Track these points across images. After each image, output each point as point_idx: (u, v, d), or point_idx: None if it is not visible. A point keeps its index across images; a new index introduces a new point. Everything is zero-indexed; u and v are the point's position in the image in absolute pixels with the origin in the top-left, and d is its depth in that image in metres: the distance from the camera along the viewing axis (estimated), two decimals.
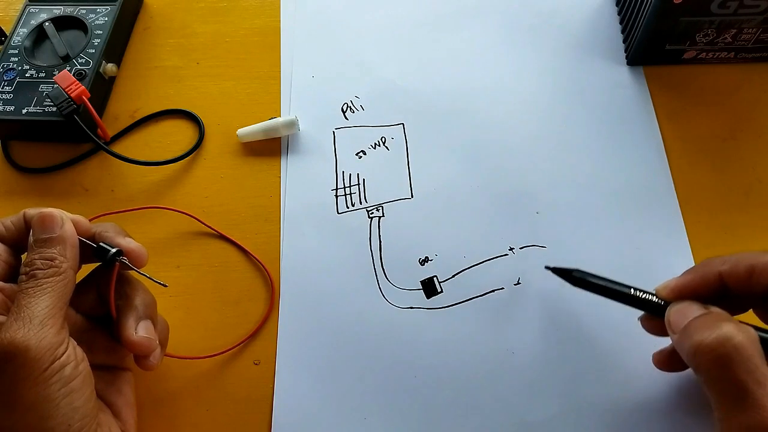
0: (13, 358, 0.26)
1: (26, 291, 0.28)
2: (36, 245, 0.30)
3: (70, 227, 0.31)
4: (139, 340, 0.31)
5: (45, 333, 0.27)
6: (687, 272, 0.31)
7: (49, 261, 0.30)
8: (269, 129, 0.44)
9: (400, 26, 0.49)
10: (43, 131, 0.45)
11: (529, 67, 0.47)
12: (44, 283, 0.29)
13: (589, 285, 0.33)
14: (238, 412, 0.36)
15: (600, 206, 0.41)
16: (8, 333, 0.27)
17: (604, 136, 0.43)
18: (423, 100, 0.46)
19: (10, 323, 0.27)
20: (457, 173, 0.42)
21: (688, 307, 0.29)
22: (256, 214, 0.42)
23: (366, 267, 0.39)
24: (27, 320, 0.27)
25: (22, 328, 0.27)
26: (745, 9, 0.40)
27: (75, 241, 0.31)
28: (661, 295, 0.31)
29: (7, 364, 0.26)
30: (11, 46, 0.47)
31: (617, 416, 0.34)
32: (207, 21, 0.51)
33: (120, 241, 0.32)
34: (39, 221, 0.31)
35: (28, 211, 0.32)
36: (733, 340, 0.26)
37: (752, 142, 0.43)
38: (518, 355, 0.36)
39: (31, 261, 0.30)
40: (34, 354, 0.27)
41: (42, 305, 0.28)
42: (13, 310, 0.28)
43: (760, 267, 0.28)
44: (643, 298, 0.31)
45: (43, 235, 0.30)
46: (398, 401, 0.36)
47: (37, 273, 0.29)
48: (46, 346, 0.27)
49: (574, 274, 0.34)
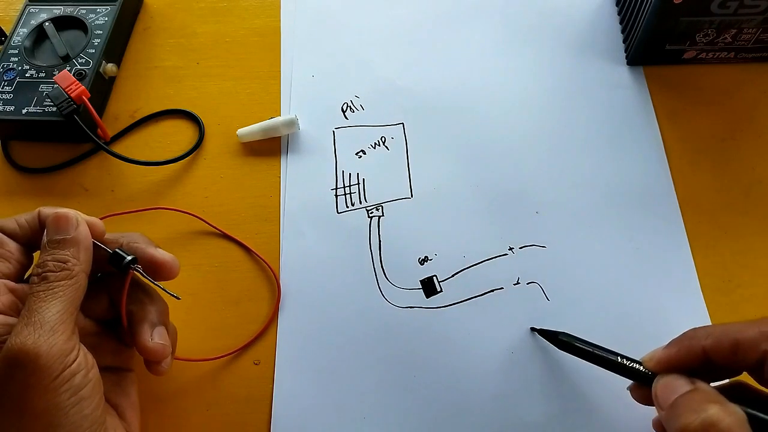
0: (23, 364, 0.26)
1: (37, 294, 0.28)
2: (49, 246, 0.30)
3: (85, 229, 0.31)
4: (154, 347, 0.32)
5: (56, 339, 0.27)
6: (672, 344, 0.30)
7: (61, 263, 0.29)
8: (269, 129, 0.44)
9: (400, 26, 0.49)
10: (43, 131, 0.45)
11: (529, 67, 0.47)
12: (56, 286, 0.28)
13: (575, 350, 0.33)
14: (238, 412, 0.36)
15: (600, 206, 0.41)
16: (19, 338, 0.26)
17: (604, 136, 0.43)
18: (423, 99, 0.46)
19: (21, 328, 0.27)
20: (457, 173, 0.42)
21: (675, 381, 0.28)
22: (256, 213, 0.42)
23: (366, 267, 0.39)
24: (38, 326, 0.27)
25: (33, 333, 0.26)
26: (745, 9, 0.40)
27: (89, 244, 0.31)
28: (647, 367, 0.30)
29: (17, 370, 0.26)
30: (11, 46, 0.47)
31: (617, 416, 0.34)
32: (207, 21, 0.51)
33: (152, 252, 0.32)
34: (53, 221, 0.30)
35: (43, 209, 0.32)
36: (719, 425, 0.25)
37: (752, 142, 0.43)
38: (518, 355, 0.36)
39: (43, 262, 0.29)
40: (45, 361, 0.26)
41: (53, 310, 0.28)
42: (23, 313, 0.27)
43: (745, 344, 0.27)
44: (630, 367, 0.30)
45: (57, 236, 0.30)
46: (398, 401, 0.36)
47: (49, 276, 0.29)
48: (57, 353, 0.27)
49: (560, 337, 0.34)
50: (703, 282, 0.38)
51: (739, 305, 0.37)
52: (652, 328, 0.36)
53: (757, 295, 0.38)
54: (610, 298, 0.37)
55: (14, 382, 0.26)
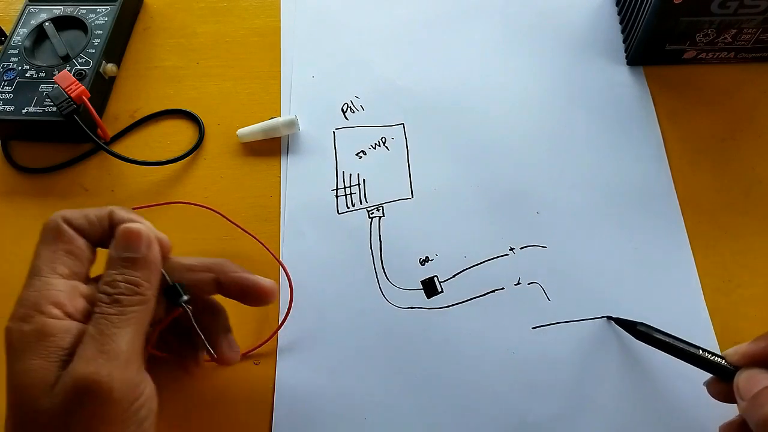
0: (95, 395, 0.25)
1: (109, 318, 0.27)
2: (120, 263, 0.29)
3: (157, 250, 0.30)
4: (232, 357, 0.34)
5: (130, 373, 0.27)
6: (759, 338, 0.30)
7: (133, 287, 0.28)
8: (269, 129, 0.44)
9: (400, 26, 0.49)
10: (43, 131, 0.45)
11: (529, 67, 0.47)
12: (129, 312, 0.27)
13: (654, 340, 0.33)
14: (238, 412, 0.36)
15: (600, 206, 0.41)
16: (93, 367, 0.25)
17: (604, 136, 0.43)
18: (423, 100, 0.46)
19: (94, 355, 0.26)
20: (457, 173, 0.42)
21: (759, 374, 0.28)
22: (256, 214, 0.42)
23: (366, 267, 0.39)
24: (113, 356, 0.26)
25: (107, 364, 0.26)
26: (745, 9, 0.40)
27: (159, 267, 0.30)
28: (731, 360, 0.30)
29: (88, 399, 0.25)
30: (11, 46, 0.47)
31: (619, 416, 0.34)
32: (207, 21, 0.51)
33: (257, 280, 0.33)
34: (124, 236, 0.29)
35: (116, 212, 0.31)
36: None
37: (752, 142, 0.43)
38: (518, 355, 0.36)
39: (113, 281, 0.28)
40: (117, 396, 0.26)
41: (126, 338, 0.27)
42: (95, 336, 0.26)
43: None
44: (711, 360, 0.31)
45: (127, 254, 0.29)
46: (398, 401, 0.36)
47: (122, 299, 0.28)
48: (129, 387, 0.26)
49: (638, 327, 0.33)
50: (703, 282, 0.38)
51: (739, 305, 0.37)
52: None
53: (757, 295, 0.38)
54: (611, 298, 0.37)
55: (84, 412, 0.25)
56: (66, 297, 0.28)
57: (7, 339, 0.27)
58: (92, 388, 0.25)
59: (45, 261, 0.29)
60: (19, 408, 0.26)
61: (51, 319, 0.27)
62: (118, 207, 0.31)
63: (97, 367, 0.25)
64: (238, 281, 0.33)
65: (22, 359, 0.26)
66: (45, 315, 0.27)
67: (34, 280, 0.28)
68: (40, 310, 0.27)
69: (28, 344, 0.26)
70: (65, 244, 0.29)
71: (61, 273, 0.29)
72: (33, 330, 0.26)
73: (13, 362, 0.26)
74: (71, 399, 0.25)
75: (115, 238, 0.29)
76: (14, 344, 0.27)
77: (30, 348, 0.26)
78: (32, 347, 0.26)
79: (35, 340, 0.26)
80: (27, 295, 0.28)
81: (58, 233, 0.29)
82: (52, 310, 0.27)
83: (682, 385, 0.34)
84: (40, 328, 0.27)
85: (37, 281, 0.28)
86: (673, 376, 0.35)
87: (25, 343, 0.26)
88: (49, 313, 0.27)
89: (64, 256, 0.29)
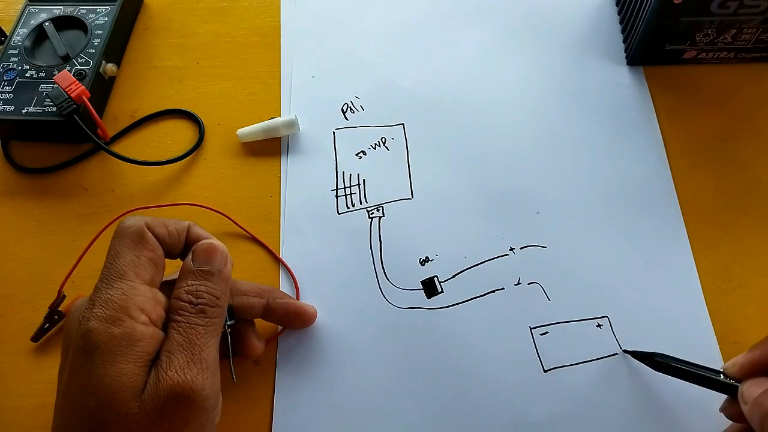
0: (190, 401, 0.26)
1: (196, 328, 0.28)
2: (200, 275, 0.29)
3: (230, 268, 0.31)
4: (260, 347, 0.35)
5: (216, 382, 0.28)
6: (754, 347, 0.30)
7: (215, 298, 0.29)
8: (269, 129, 0.44)
9: (400, 26, 0.49)
10: (43, 131, 0.45)
11: (529, 67, 0.47)
12: (212, 323, 0.29)
13: (673, 370, 0.33)
14: (238, 412, 0.36)
15: (600, 206, 0.41)
16: (189, 375, 0.26)
17: (604, 136, 0.43)
18: (423, 100, 0.46)
19: (188, 364, 0.27)
20: (458, 173, 0.42)
21: (762, 380, 0.29)
22: (256, 214, 0.42)
23: (366, 267, 0.39)
24: (204, 366, 0.27)
25: (201, 374, 0.27)
26: (745, 9, 0.40)
27: (229, 284, 0.31)
28: (730, 372, 0.31)
29: (184, 405, 0.26)
30: (11, 46, 0.47)
31: (618, 416, 0.34)
32: (207, 21, 0.51)
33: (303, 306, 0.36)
34: (206, 250, 0.30)
35: (194, 228, 0.32)
36: None
37: (752, 143, 0.43)
38: (518, 355, 0.36)
39: (197, 291, 0.29)
40: (207, 404, 0.27)
41: (213, 349, 0.28)
42: (184, 345, 0.27)
43: None
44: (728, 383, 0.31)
45: (207, 267, 0.30)
46: (399, 402, 0.36)
47: (207, 310, 0.28)
48: (215, 396, 0.28)
49: (656, 359, 0.33)
50: (703, 282, 0.38)
51: (739, 305, 0.37)
52: (652, 328, 0.36)
53: (757, 295, 0.38)
54: (611, 298, 0.37)
55: (178, 417, 0.26)
56: (150, 304, 0.28)
57: (93, 339, 0.27)
58: (187, 395, 0.26)
59: (130, 265, 0.29)
60: (104, 411, 0.26)
61: (140, 324, 0.27)
62: (194, 223, 0.32)
63: (193, 375, 0.26)
64: (286, 307, 0.35)
65: (112, 362, 0.26)
66: (134, 320, 0.27)
67: (119, 282, 0.28)
68: (129, 314, 0.27)
69: (117, 347, 0.27)
70: (149, 251, 0.30)
71: (144, 279, 0.29)
72: (123, 334, 0.27)
73: (100, 364, 0.26)
74: (164, 405, 0.26)
75: (194, 251, 0.30)
76: (101, 346, 0.27)
77: (120, 351, 0.26)
78: (122, 351, 0.27)
79: (126, 345, 0.27)
80: (112, 296, 0.28)
81: (143, 239, 0.30)
82: (140, 315, 0.28)
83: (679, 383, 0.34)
84: (130, 333, 0.27)
85: (124, 284, 0.28)
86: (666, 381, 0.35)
87: (114, 346, 0.27)
88: (138, 319, 0.27)
89: (147, 263, 0.29)
